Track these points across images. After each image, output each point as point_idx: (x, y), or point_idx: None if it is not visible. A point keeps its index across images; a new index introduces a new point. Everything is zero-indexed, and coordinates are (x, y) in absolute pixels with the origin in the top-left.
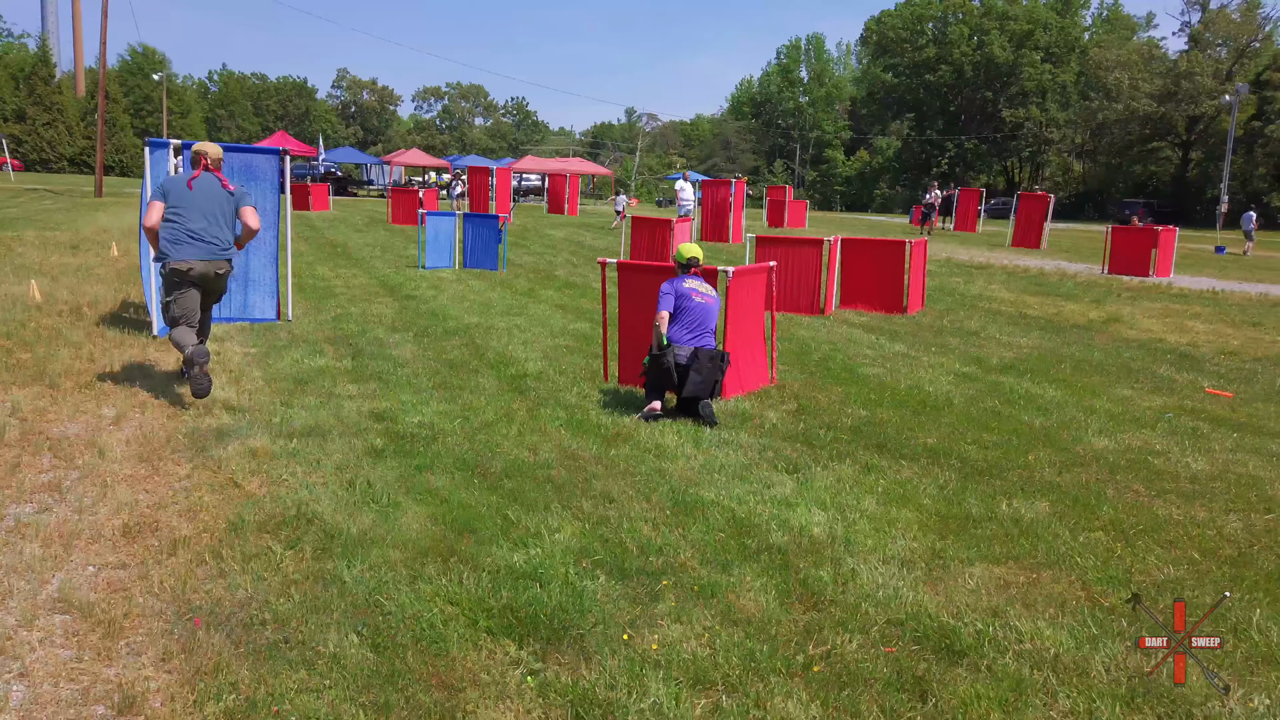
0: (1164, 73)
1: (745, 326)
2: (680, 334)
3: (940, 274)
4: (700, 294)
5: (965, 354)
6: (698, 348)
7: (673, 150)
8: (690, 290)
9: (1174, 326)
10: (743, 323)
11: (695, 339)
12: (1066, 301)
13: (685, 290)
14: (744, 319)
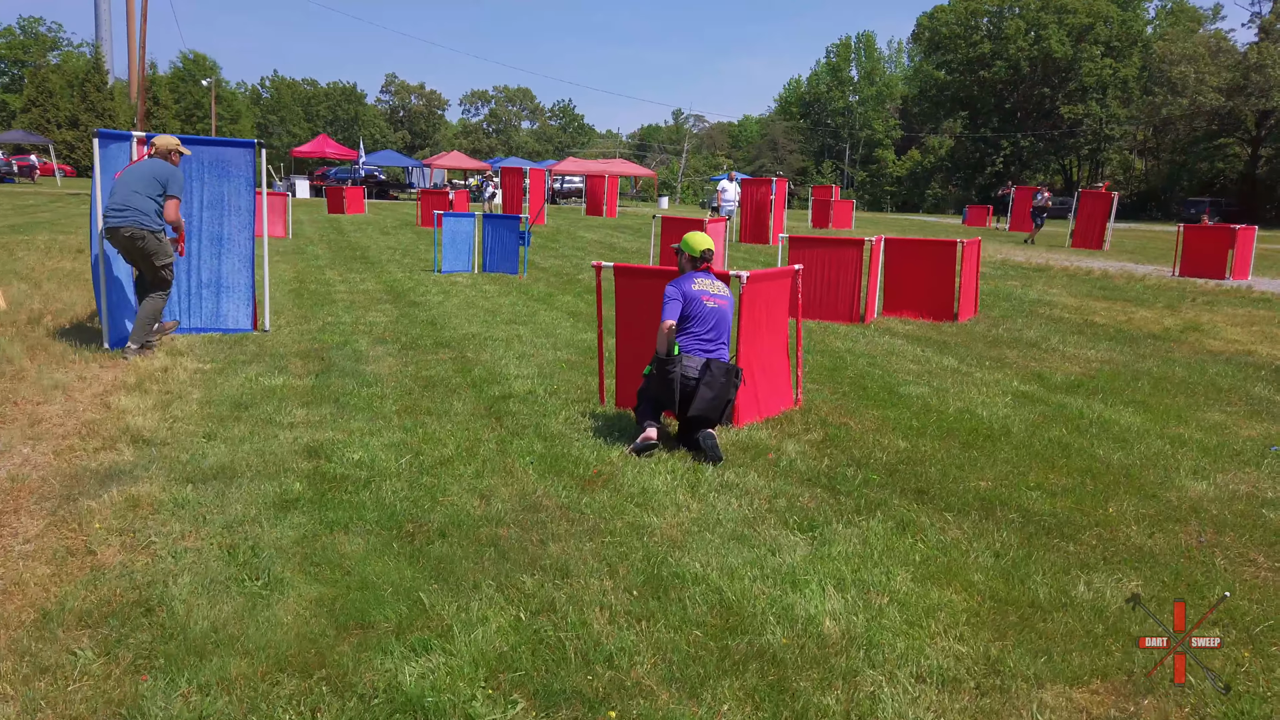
0: (1232, 66)
1: (763, 341)
2: (689, 344)
3: (995, 276)
4: (713, 296)
5: (1024, 369)
6: (711, 359)
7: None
8: (700, 293)
9: (1263, 336)
10: (760, 336)
11: (708, 349)
12: (1137, 307)
13: (694, 293)
14: (762, 332)
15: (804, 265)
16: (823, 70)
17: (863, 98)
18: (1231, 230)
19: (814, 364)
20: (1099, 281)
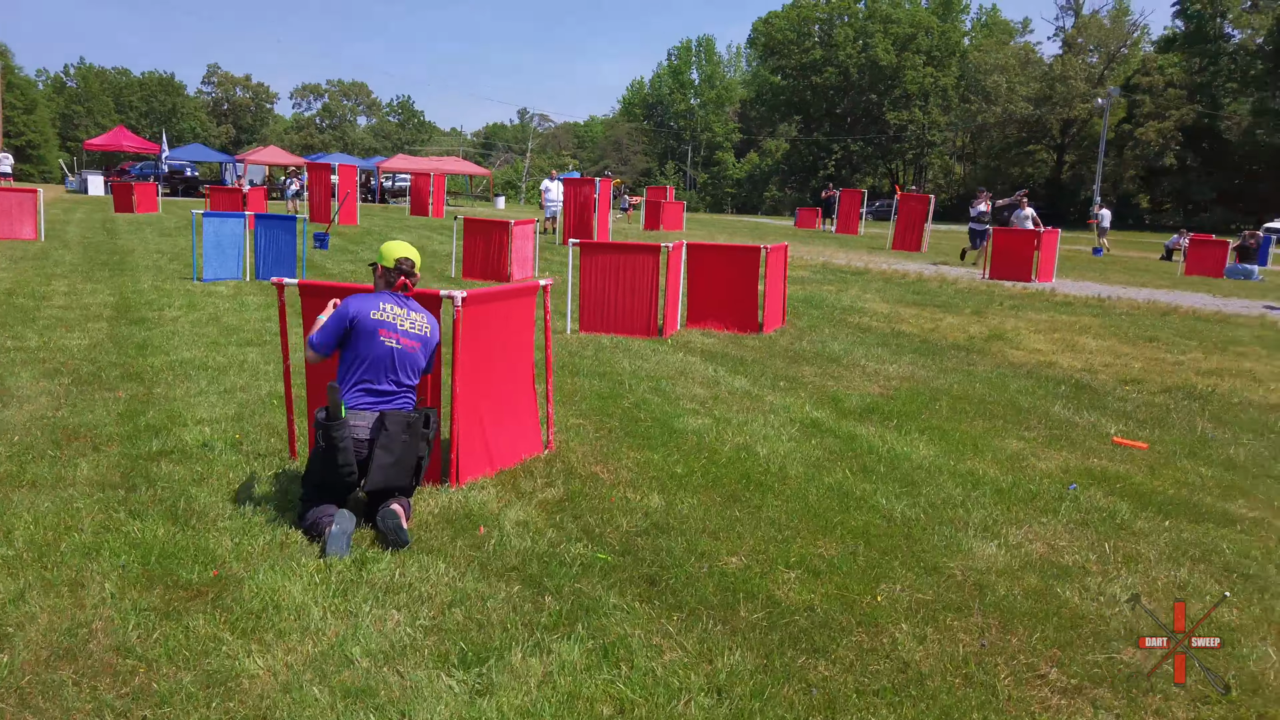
0: (1040, 76)
1: (496, 375)
2: (357, 397)
3: (814, 281)
4: (395, 332)
5: (820, 390)
6: (385, 412)
7: (565, 151)
8: (378, 326)
9: (1064, 344)
10: (491, 370)
11: (384, 400)
12: (945, 313)
13: (369, 325)
14: (493, 364)
15: (597, 274)
16: (664, 73)
17: (703, 101)
18: (1037, 233)
19: (587, 391)
20: (913, 285)
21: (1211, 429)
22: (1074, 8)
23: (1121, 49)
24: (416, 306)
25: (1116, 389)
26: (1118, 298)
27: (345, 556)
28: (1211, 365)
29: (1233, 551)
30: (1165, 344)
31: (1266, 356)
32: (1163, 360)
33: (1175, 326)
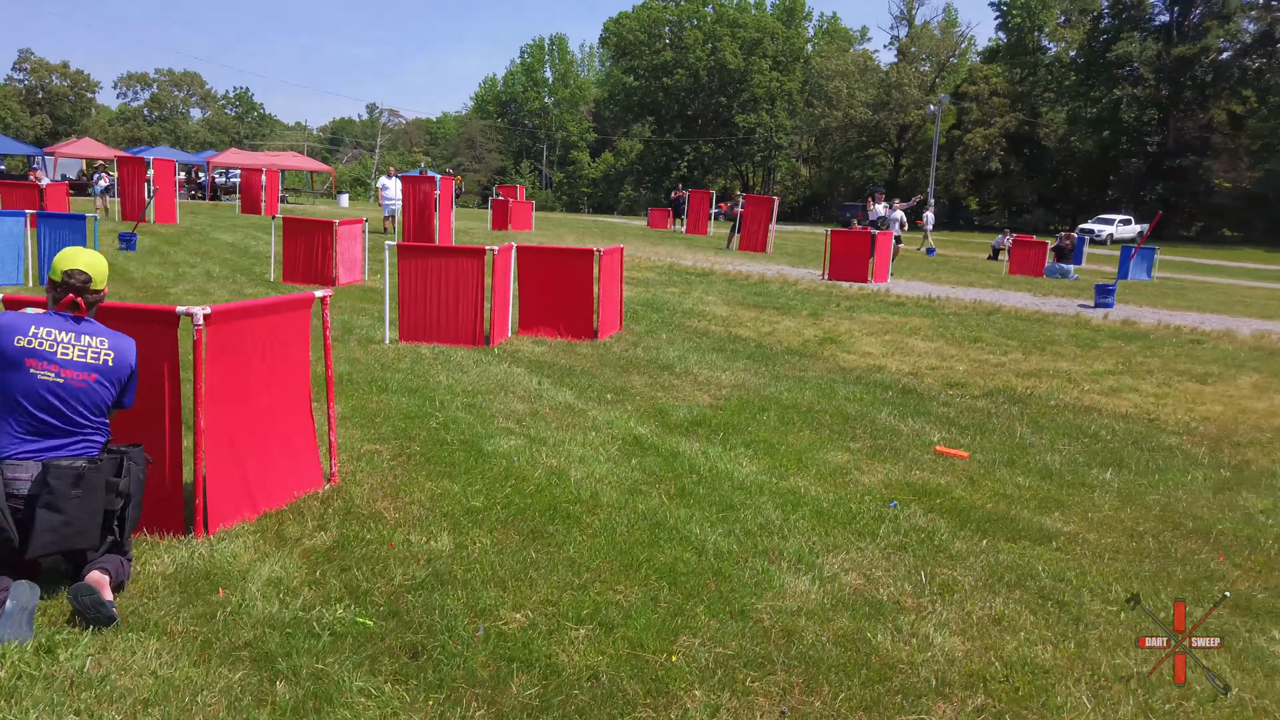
0: (877, 83)
1: (261, 401)
2: (15, 441)
3: (658, 283)
4: (52, 363)
5: (649, 402)
6: (49, 462)
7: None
8: (26, 355)
9: (894, 347)
10: (249, 398)
11: (51, 447)
12: (783, 316)
13: (12, 351)
14: (252, 391)
15: (417, 279)
16: (518, 70)
17: (558, 99)
18: (871, 234)
19: (392, 410)
20: (755, 287)
21: (1029, 434)
22: (907, 18)
23: (951, 58)
24: (96, 329)
25: (941, 393)
26: (946, 298)
27: (27, 641)
28: (1031, 366)
29: (1048, 575)
30: (989, 344)
31: (1080, 355)
32: (986, 362)
33: (999, 326)
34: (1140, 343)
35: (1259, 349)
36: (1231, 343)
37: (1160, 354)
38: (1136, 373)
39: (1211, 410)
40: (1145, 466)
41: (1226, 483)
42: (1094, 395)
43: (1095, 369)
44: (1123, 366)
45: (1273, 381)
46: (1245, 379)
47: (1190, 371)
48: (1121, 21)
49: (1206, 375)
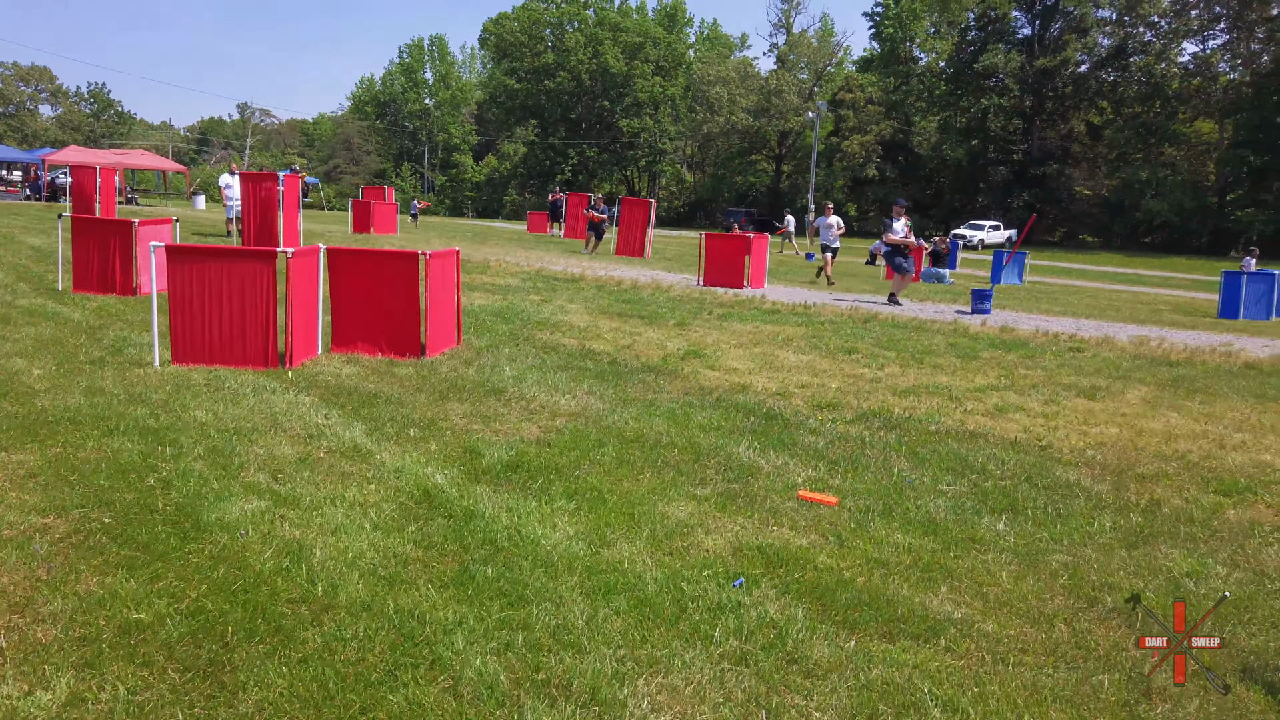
0: (757, 90)
1: None
2: None
3: (521, 290)
4: None
5: (461, 438)
6: None
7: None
8: None
9: (764, 361)
10: None
11: None
12: (648, 326)
13: None
14: None
15: (194, 288)
16: (396, 70)
17: (439, 101)
18: (747, 239)
19: (104, 463)
20: (625, 294)
21: (909, 468)
22: (785, 26)
23: (828, 67)
24: None
25: (810, 417)
26: (823, 304)
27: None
28: (909, 381)
29: (937, 702)
30: (864, 356)
31: (960, 368)
32: (860, 377)
33: (875, 335)
34: (1020, 351)
35: (1140, 356)
36: (1111, 350)
37: (1042, 364)
38: (1020, 387)
39: (1106, 433)
40: (1043, 511)
41: (1139, 532)
42: (978, 417)
43: (977, 384)
44: (1005, 380)
45: (1162, 395)
46: (1134, 392)
47: (1076, 385)
48: (987, 34)
49: (1094, 389)
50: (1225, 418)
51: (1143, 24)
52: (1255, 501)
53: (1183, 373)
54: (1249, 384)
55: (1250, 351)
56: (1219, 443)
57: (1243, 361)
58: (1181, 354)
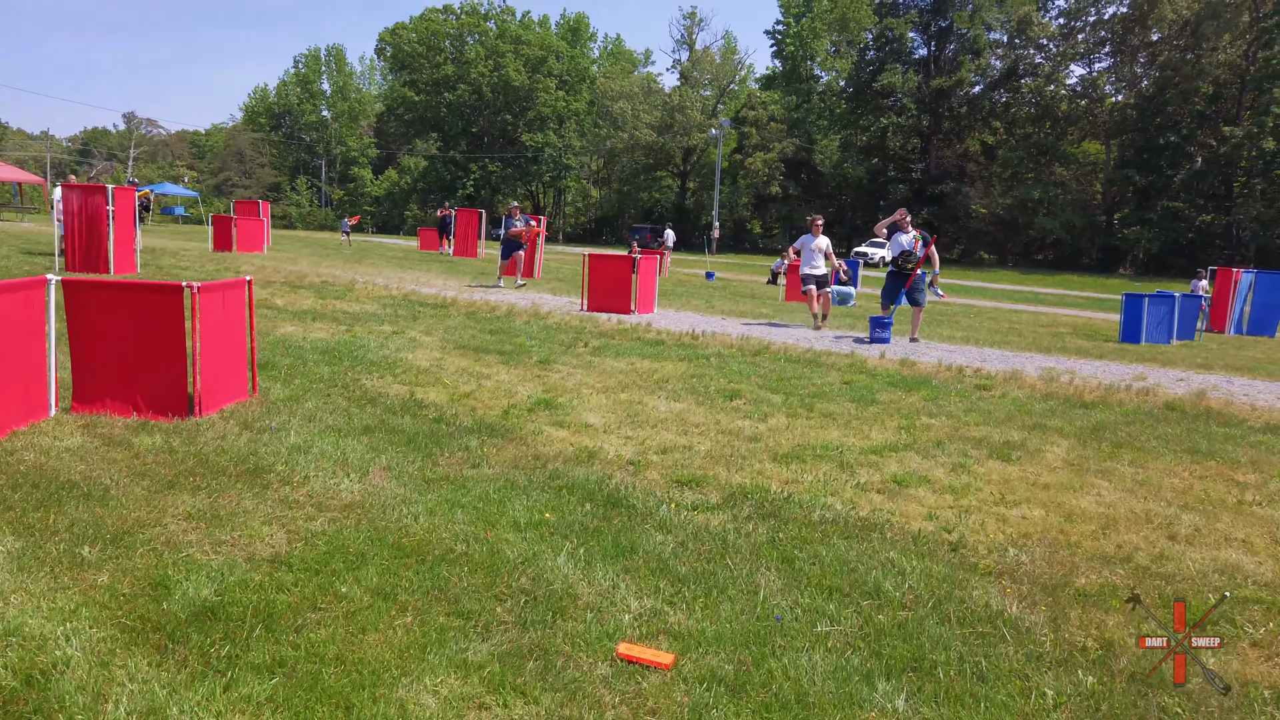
0: (661, 105)
1: None
2: None
3: (371, 319)
4: None
5: (159, 557)
6: None
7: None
8: None
9: (628, 413)
10: None
11: None
12: (505, 364)
13: None
14: None
15: None
16: (292, 81)
17: (336, 113)
18: (632, 259)
19: None
20: (495, 323)
21: (779, 592)
22: (688, 42)
23: (732, 85)
24: None
25: (665, 501)
26: (714, 332)
27: None
28: (793, 439)
29: None
30: (748, 402)
31: (855, 417)
32: (738, 434)
33: (764, 373)
34: (923, 392)
35: (1052, 396)
36: (1021, 388)
37: (947, 409)
38: (924, 444)
39: (1030, 517)
40: (959, 671)
41: (1095, 712)
42: (873, 495)
43: (873, 441)
44: (906, 435)
45: (1085, 454)
46: (1053, 449)
47: (988, 440)
48: (885, 54)
49: (1007, 446)
50: (1164, 487)
51: (1033, 46)
52: (1236, 637)
53: (1101, 418)
54: (1175, 431)
55: (1166, 388)
56: (1167, 530)
57: (1162, 401)
58: (1095, 392)
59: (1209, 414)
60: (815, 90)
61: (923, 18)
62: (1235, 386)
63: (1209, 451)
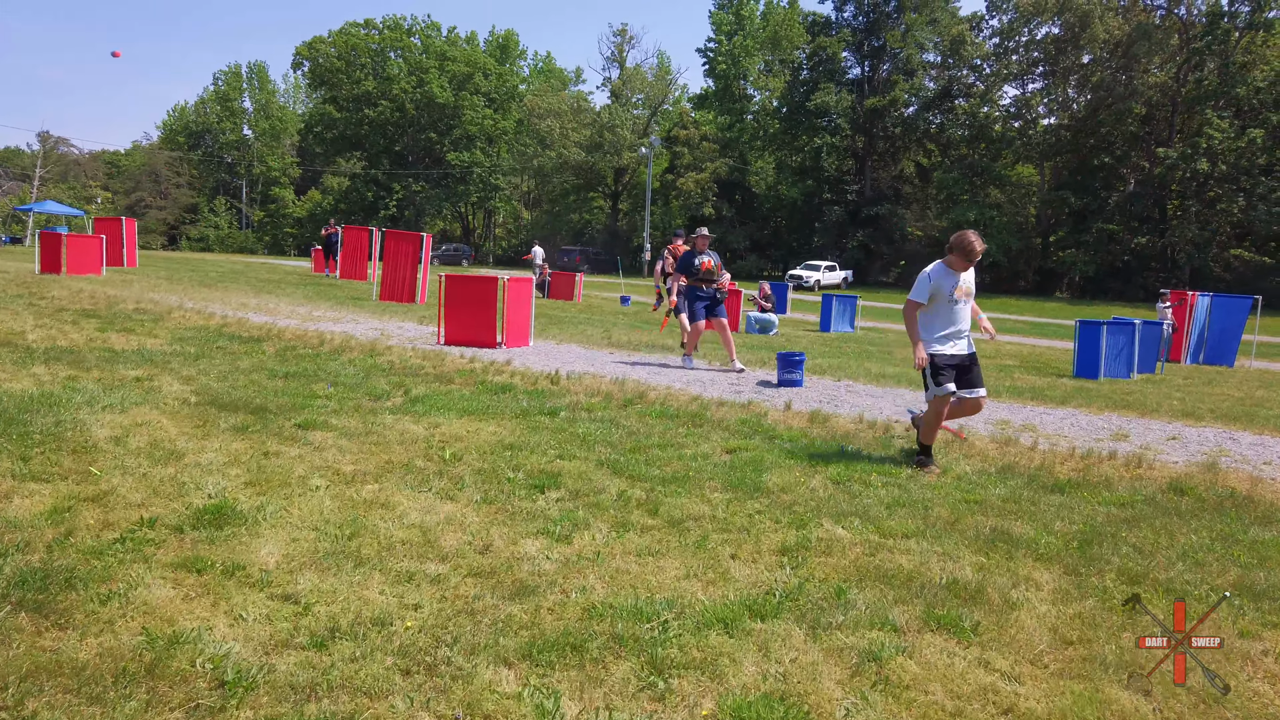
0: (591, 124)
1: None
2: None
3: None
4: None
5: None
6: None
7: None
8: None
9: (326, 538)
10: None
11: None
12: (234, 434)
13: None
14: None
15: None
16: (211, 98)
17: (258, 131)
18: (496, 279)
19: None
20: (299, 361)
21: None
22: (619, 60)
23: (664, 104)
24: None
25: None
26: (584, 373)
27: None
28: (590, 597)
29: None
30: (562, 497)
31: (720, 525)
32: (499, 584)
33: (620, 436)
34: (831, 469)
35: (1010, 470)
36: (968, 457)
37: (862, 503)
38: (813, 598)
39: None
40: None
41: None
42: None
43: (730, 591)
44: (790, 574)
45: (1085, 607)
46: (1031, 602)
47: (921, 577)
48: (819, 73)
49: (956, 596)
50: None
51: (966, 67)
52: None
53: (1088, 514)
54: (1204, 541)
55: (1160, 454)
56: None
57: (1164, 479)
58: (1069, 463)
59: (1236, 501)
60: (749, 110)
61: (856, 37)
62: (1245, 448)
63: (1270, 593)
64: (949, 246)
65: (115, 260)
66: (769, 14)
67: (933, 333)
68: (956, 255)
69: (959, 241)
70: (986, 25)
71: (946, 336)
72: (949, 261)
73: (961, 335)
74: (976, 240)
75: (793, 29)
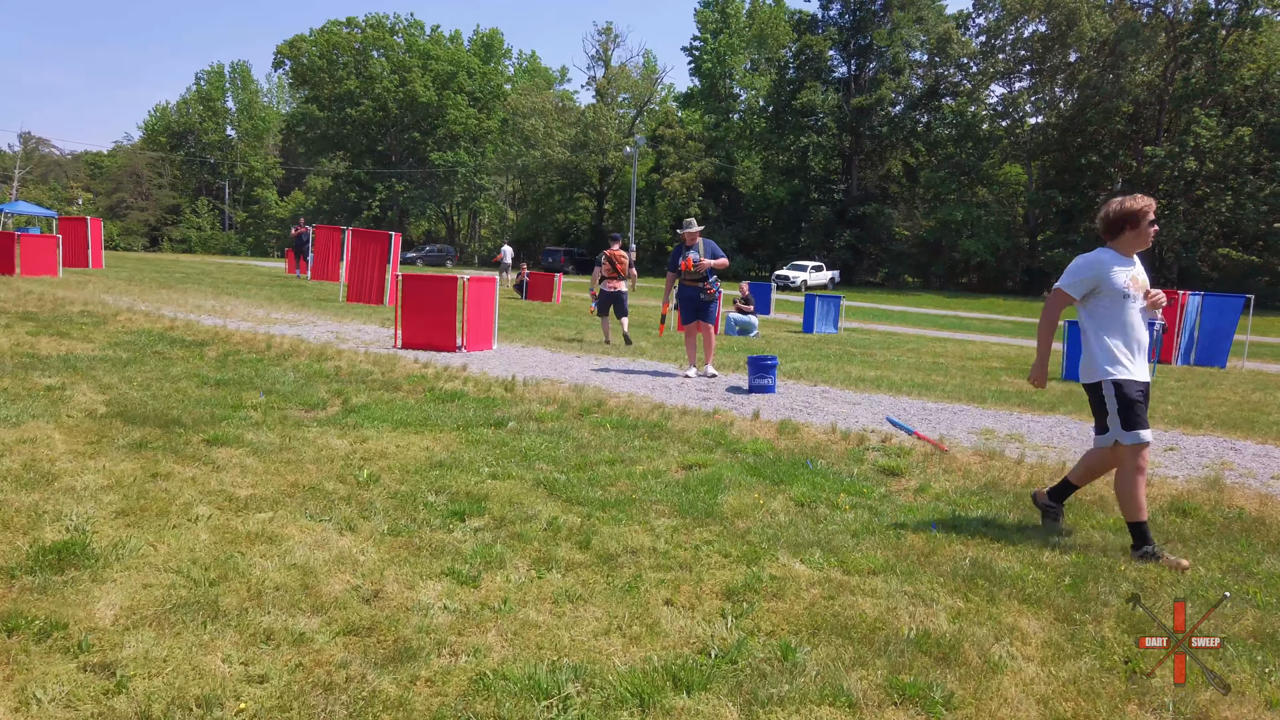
0: (575, 123)
1: None
2: None
3: (49, 367)
4: None
5: None
6: None
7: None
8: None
9: (183, 582)
10: None
11: None
12: (127, 453)
13: None
14: None
15: None
16: (193, 99)
17: (241, 132)
18: (457, 279)
19: None
20: (240, 366)
21: None
22: (604, 59)
23: (650, 104)
24: None
25: None
26: (541, 379)
27: None
28: (483, 662)
29: None
30: (485, 526)
31: (661, 559)
32: (366, 655)
33: (568, 450)
34: (795, 488)
35: (995, 488)
36: (947, 473)
37: (826, 529)
38: (751, 660)
39: None
40: None
41: None
42: None
43: (657, 648)
44: (731, 623)
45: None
46: (1015, 662)
47: (887, 628)
48: (805, 72)
49: (929, 655)
50: None
51: (953, 65)
52: None
53: (1080, 541)
54: (1213, 573)
55: (1160, 468)
56: None
57: (1165, 497)
58: (1058, 480)
59: (1245, 524)
60: (735, 109)
61: (842, 35)
62: (1249, 460)
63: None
64: (1109, 222)
65: (80, 261)
66: (755, 12)
67: (1113, 345)
68: (1129, 231)
69: (1119, 212)
70: (973, 24)
71: (1131, 351)
72: (1118, 245)
73: (1144, 349)
74: (1134, 200)
75: (779, 27)
